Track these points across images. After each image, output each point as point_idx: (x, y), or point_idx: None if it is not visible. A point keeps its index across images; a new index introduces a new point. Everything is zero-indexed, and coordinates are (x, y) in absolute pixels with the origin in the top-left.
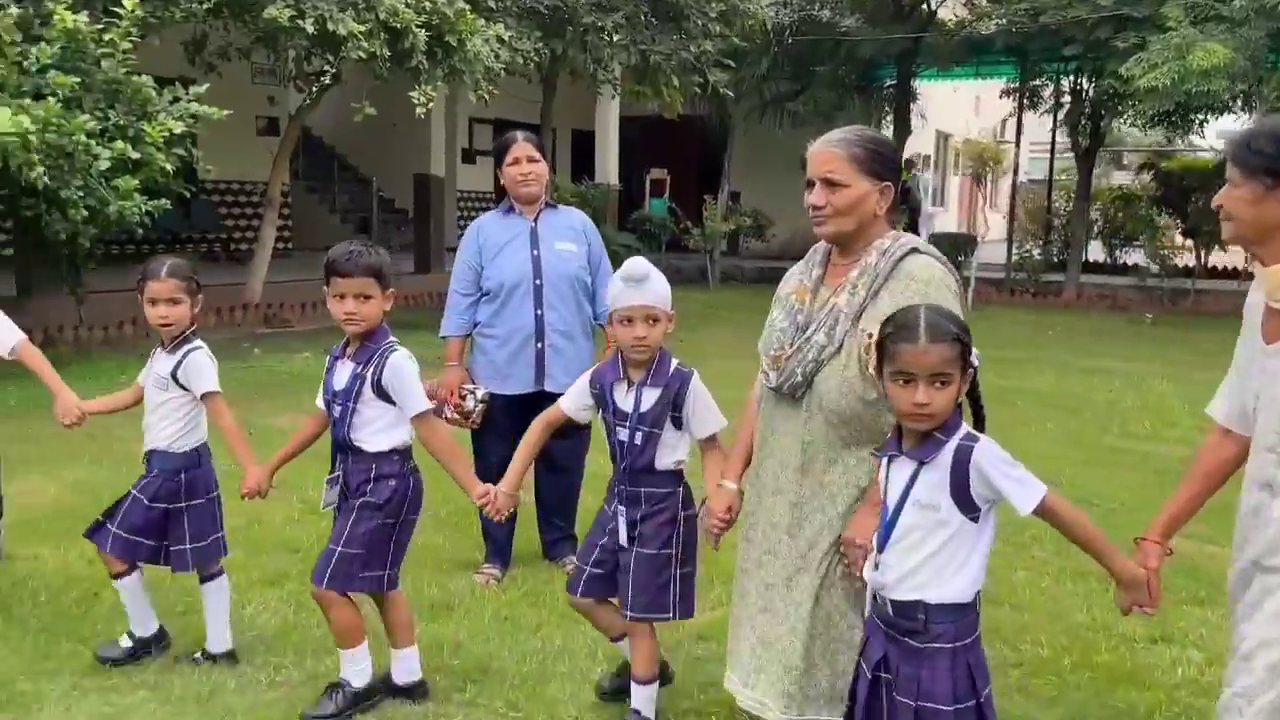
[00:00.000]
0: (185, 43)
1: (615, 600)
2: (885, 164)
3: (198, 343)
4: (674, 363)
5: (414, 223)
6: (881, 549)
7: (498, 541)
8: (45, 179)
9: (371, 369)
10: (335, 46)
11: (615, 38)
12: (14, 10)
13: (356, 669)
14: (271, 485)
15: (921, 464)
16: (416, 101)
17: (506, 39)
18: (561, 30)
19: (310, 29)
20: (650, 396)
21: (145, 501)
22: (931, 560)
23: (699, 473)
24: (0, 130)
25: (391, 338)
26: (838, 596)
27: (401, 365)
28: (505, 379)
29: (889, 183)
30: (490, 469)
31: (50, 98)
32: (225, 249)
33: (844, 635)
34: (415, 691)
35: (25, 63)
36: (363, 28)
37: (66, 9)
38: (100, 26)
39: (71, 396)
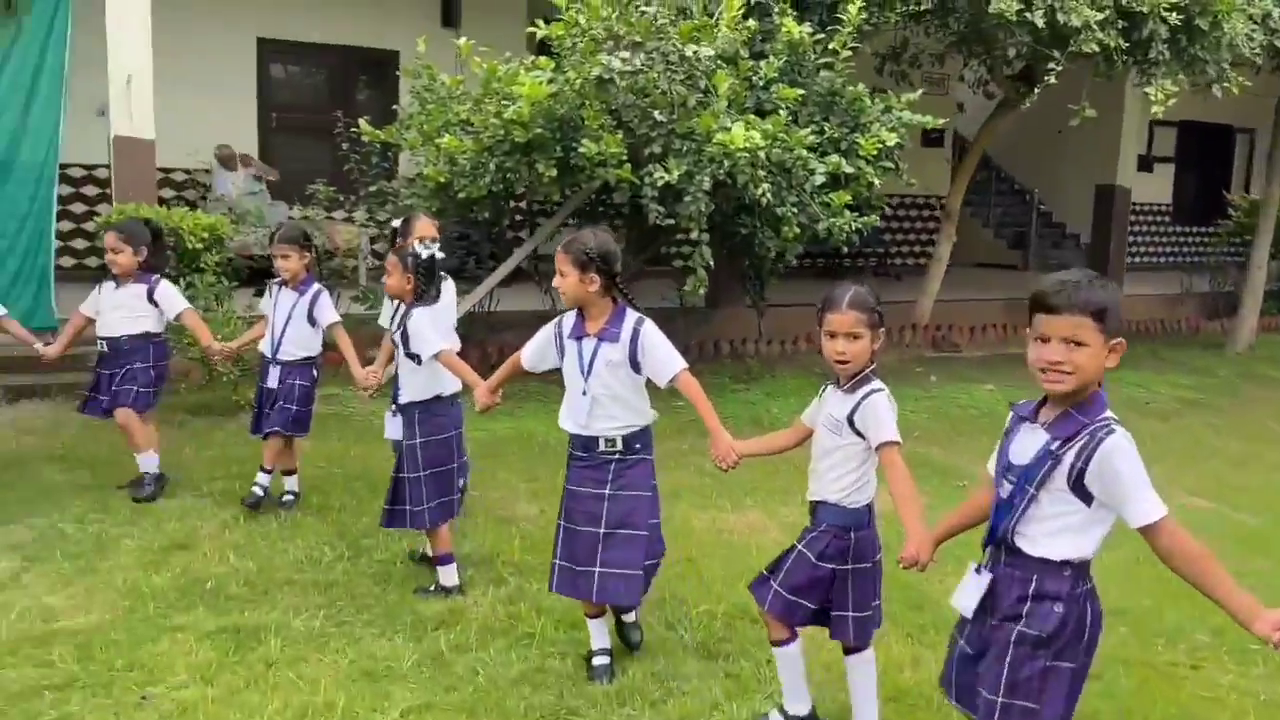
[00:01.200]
0: (881, 52)
1: None
2: None
3: (878, 384)
4: None
5: (1091, 239)
6: None
7: None
8: (768, 195)
9: (1072, 453)
10: (1063, 41)
11: None
12: (752, 23)
13: None
14: (933, 559)
15: None
16: (1154, 100)
17: (1274, 14)
18: None
19: (1039, 22)
20: None
21: (812, 559)
22: None
23: None
24: (735, 146)
25: (1108, 413)
26: None
27: (1118, 456)
28: None
29: None
30: None
31: (776, 112)
32: (883, 264)
33: None
34: None
35: (754, 78)
36: (1099, 16)
37: (792, 20)
38: (821, 36)
39: (727, 438)
